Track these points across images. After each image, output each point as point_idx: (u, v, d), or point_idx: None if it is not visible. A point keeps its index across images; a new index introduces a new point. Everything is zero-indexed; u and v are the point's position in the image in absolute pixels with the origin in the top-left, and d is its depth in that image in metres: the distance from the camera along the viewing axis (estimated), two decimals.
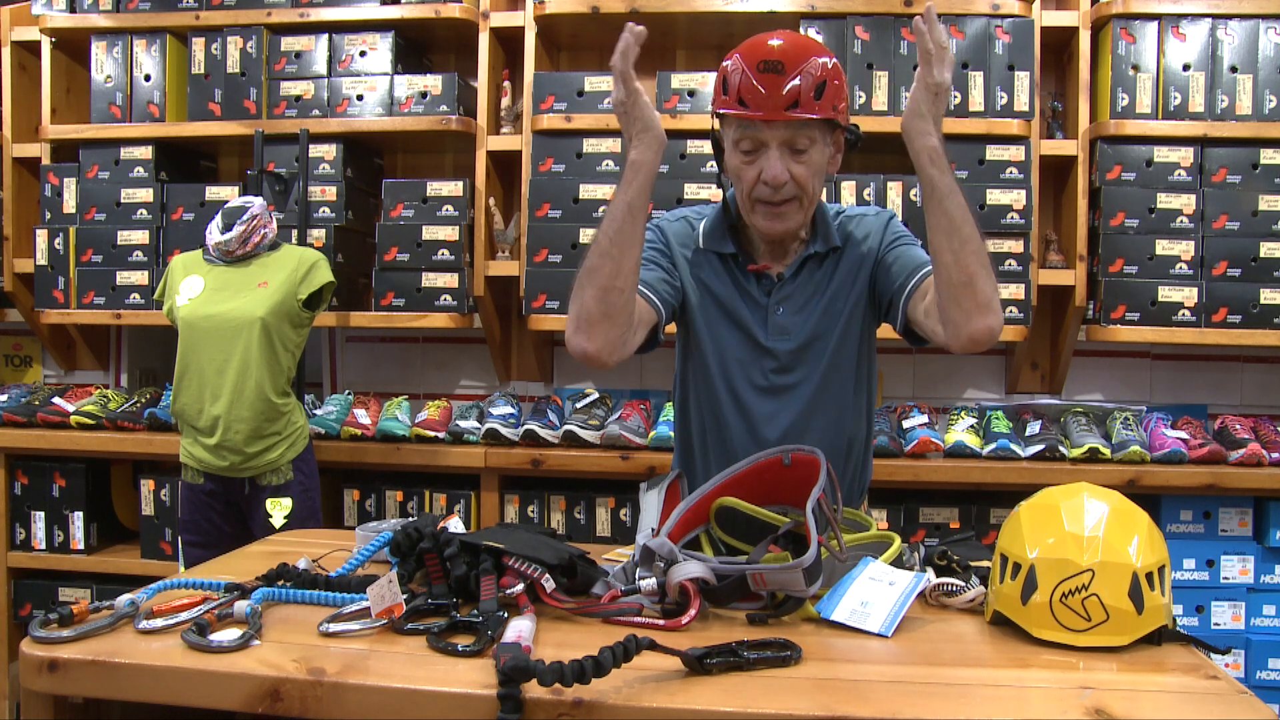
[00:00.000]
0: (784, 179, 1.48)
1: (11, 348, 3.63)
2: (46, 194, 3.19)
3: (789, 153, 1.48)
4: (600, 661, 0.95)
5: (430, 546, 1.27)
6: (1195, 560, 2.64)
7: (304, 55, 3.06)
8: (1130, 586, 1.11)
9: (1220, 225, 2.74)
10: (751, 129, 1.48)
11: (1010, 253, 2.77)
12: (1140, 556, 1.13)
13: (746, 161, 1.51)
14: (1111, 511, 1.16)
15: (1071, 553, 1.13)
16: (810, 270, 1.62)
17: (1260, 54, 2.74)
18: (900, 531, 2.27)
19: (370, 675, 1.01)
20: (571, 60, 3.28)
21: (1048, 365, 3.10)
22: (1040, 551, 1.14)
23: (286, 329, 2.51)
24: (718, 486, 1.42)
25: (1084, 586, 1.11)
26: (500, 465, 2.82)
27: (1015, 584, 1.16)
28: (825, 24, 2.84)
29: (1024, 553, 1.16)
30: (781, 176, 1.47)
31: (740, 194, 1.55)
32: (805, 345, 1.62)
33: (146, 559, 3.00)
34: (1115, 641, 1.12)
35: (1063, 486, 1.22)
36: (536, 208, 2.89)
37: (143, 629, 1.13)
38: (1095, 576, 1.11)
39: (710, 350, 1.64)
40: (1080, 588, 1.11)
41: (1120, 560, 1.12)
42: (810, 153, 1.49)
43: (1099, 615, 1.11)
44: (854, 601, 1.20)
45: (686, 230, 1.67)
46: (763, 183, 1.49)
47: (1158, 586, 1.13)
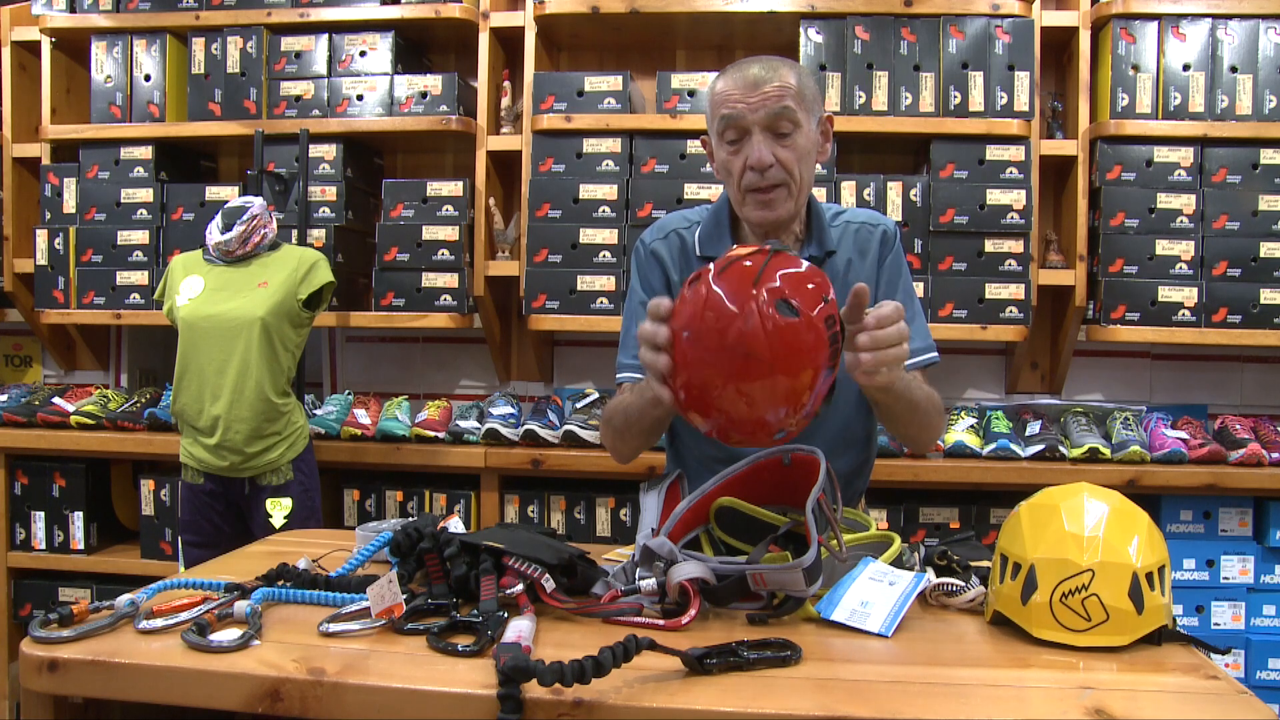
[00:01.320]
0: (769, 161, 1.48)
1: (11, 348, 3.63)
2: (46, 194, 3.19)
3: (772, 137, 1.49)
4: (600, 661, 0.95)
5: (430, 546, 1.27)
6: (1195, 560, 2.64)
7: (304, 55, 3.06)
8: (1130, 586, 1.11)
9: (1220, 225, 2.74)
10: (734, 116, 1.49)
11: (1010, 253, 2.77)
12: (1140, 556, 1.12)
13: (733, 152, 1.52)
14: (1112, 512, 1.16)
15: (1071, 553, 1.13)
16: None
17: (1260, 54, 2.74)
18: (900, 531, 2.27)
19: (370, 675, 1.01)
20: (571, 60, 3.28)
21: (1048, 365, 3.10)
22: (1040, 551, 1.14)
23: (286, 329, 2.51)
24: (717, 486, 1.42)
25: (1084, 587, 1.11)
26: (500, 465, 2.82)
27: (1015, 584, 1.16)
28: (825, 24, 2.84)
29: (1024, 552, 1.16)
30: (766, 159, 1.48)
31: (732, 188, 1.55)
32: None
33: (146, 559, 3.01)
34: (1115, 641, 1.11)
35: (1063, 486, 1.22)
36: (536, 208, 2.89)
37: (143, 629, 1.13)
38: (1095, 576, 1.11)
39: None
40: (1080, 588, 1.11)
41: (1120, 560, 1.12)
42: (794, 136, 1.50)
43: (1099, 615, 1.11)
44: (854, 601, 1.20)
45: (678, 245, 1.65)
46: (749, 168, 1.50)
47: (1158, 586, 1.13)
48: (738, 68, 1.53)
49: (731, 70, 1.54)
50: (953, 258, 2.77)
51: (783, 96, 1.48)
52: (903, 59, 2.82)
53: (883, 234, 1.64)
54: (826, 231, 1.61)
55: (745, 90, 1.49)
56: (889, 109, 2.81)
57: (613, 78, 2.92)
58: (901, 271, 1.64)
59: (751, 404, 1.15)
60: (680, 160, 2.87)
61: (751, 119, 1.48)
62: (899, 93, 2.81)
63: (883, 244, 1.63)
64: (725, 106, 1.50)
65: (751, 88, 1.48)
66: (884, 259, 1.63)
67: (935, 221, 2.77)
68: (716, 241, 1.61)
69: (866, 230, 1.64)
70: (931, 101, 2.81)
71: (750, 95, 1.48)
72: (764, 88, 1.48)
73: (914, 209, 2.78)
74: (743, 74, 1.50)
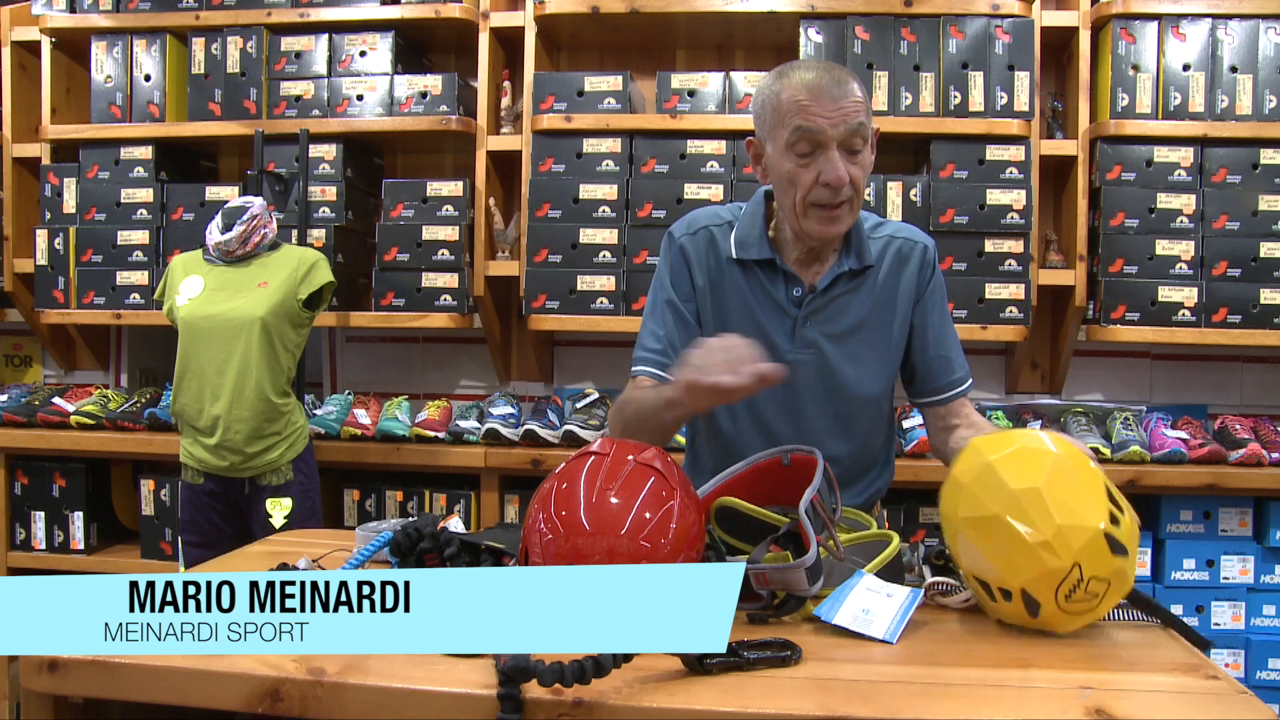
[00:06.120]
0: (845, 180, 1.45)
1: (11, 348, 3.63)
2: (46, 194, 3.19)
3: (845, 154, 1.46)
4: (600, 662, 0.95)
5: (430, 546, 1.27)
6: (1195, 560, 2.64)
7: (304, 55, 3.06)
8: (1110, 545, 1.12)
9: (1220, 225, 2.74)
10: (813, 131, 1.44)
11: (1010, 253, 2.77)
12: (1093, 512, 1.12)
13: (803, 165, 1.46)
14: (1044, 483, 1.13)
15: (1048, 560, 1.11)
16: (843, 286, 1.58)
17: (1260, 54, 2.74)
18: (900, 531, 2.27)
19: (370, 675, 1.01)
20: (571, 60, 3.28)
21: (1048, 365, 3.10)
22: (1020, 576, 1.13)
23: (286, 329, 2.51)
24: (718, 487, 1.42)
25: (1078, 581, 1.12)
26: (500, 465, 2.82)
27: (1015, 605, 1.16)
28: (825, 24, 2.84)
29: (1003, 579, 1.15)
30: (844, 177, 1.44)
31: (793, 199, 1.49)
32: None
33: (146, 559, 3.01)
34: (1126, 591, 1.15)
35: (967, 467, 1.19)
36: (536, 208, 2.89)
37: None
38: (1081, 566, 1.11)
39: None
40: (1075, 583, 1.12)
41: (1089, 531, 1.11)
42: (864, 153, 1.47)
43: (1101, 589, 1.13)
44: (855, 608, 1.19)
45: (706, 242, 1.61)
46: (822, 184, 1.45)
47: (1121, 519, 1.14)
48: (801, 73, 1.47)
49: (795, 75, 1.47)
50: (953, 258, 2.77)
51: (859, 112, 1.45)
52: (903, 59, 2.82)
53: (923, 253, 1.62)
54: (866, 245, 1.59)
55: (822, 103, 1.43)
56: (889, 109, 2.81)
57: (613, 78, 2.92)
58: (943, 298, 1.64)
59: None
60: (680, 160, 2.87)
61: (831, 134, 1.44)
62: (899, 93, 2.81)
63: (923, 264, 1.62)
64: (802, 117, 1.44)
65: (829, 100, 1.43)
66: (927, 281, 1.62)
67: (935, 221, 2.77)
68: (754, 246, 1.58)
69: (908, 247, 1.62)
70: (931, 101, 2.81)
71: (829, 109, 1.43)
72: (841, 102, 1.43)
73: (914, 209, 2.78)
74: (814, 82, 1.45)
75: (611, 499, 1.17)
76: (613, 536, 1.14)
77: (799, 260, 1.58)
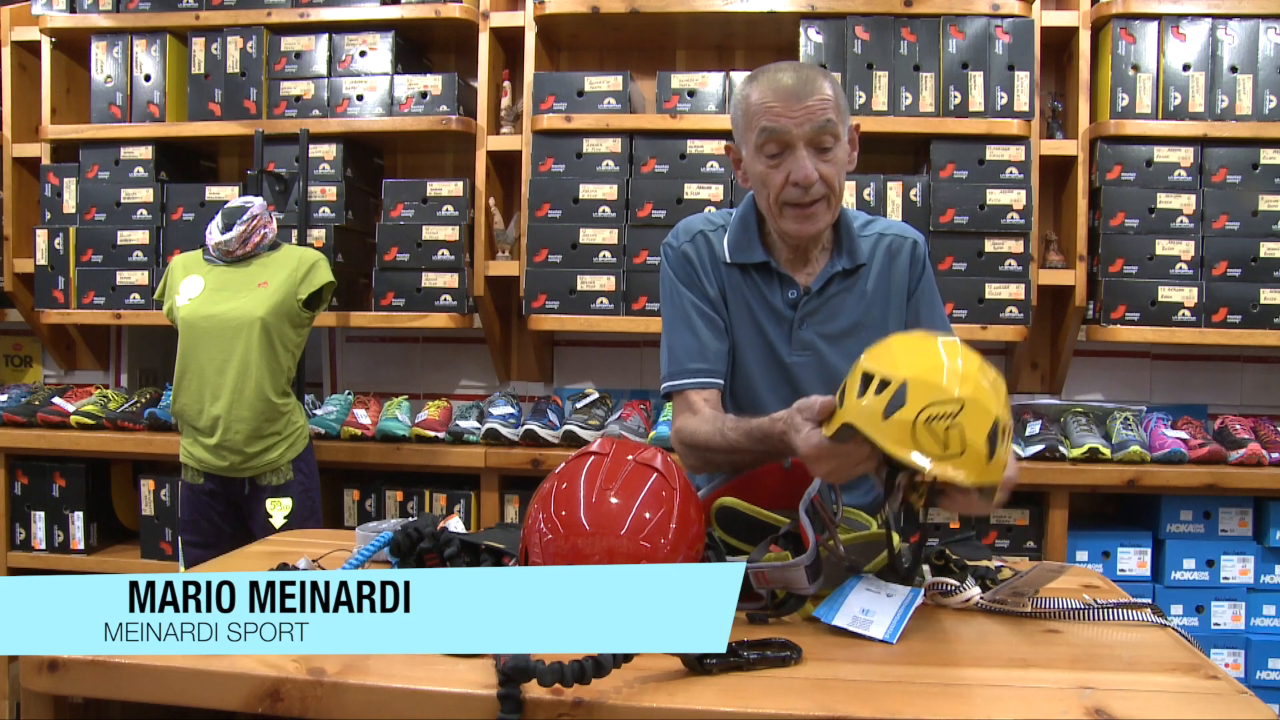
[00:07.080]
0: (814, 178, 1.45)
1: (11, 348, 3.63)
2: (46, 194, 3.19)
3: (815, 152, 1.46)
4: (600, 661, 0.95)
5: (430, 546, 1.27)
6: (1195, 560, 2.64)
7: (304, 55, 3.06)
8: (990, 430, 1.12)
9: (1220, 225, 2.74)
10: (777, 130, 1.45)
11: (1010, 253, 2.77)
12: (1002, 408, 1.14)
13: (772, 165, 1.47)
14: (980, 364, 1.16)
15: (948, 380, 1.12)
16: (837, 286, 1.58)
17: (1260, 54, 2.74)
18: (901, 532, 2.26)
19: (370, 675, 1.01)
20: (571, 60, 3.28)
21: (1048, 365, 3.10)
22: (914, 372, 1.13)
23: (286, 329, 2.51)
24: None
25: (951, 415, 1.10)
26: (500, 465, 2.82)
27: (879, 399, 1.13)
28: (825, 24, 2.84)
29: (894, 370, 1.14)
30: (811, 176, 1.45)
31: (767, 199, 1.51)
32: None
33: (146, 559, 3.01)
34: (961, 477, 1.11)
35: (926, 334, 1.24)
36: (536, 208, 2.89)
37: None
38: (964, 409, 1.11)
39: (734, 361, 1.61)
40: (947, 415, 1.11)
41: (988, 403, 1.12)
42: (835, 150, 1.47)
43: (956, 447, 1.11)
44: (855, 609, 1.19)
45: (706, 249, 1.61)
46: (792, 184, 1.46)
47: (1004, 443, 1.14)
48: (770, 75, 1.48)
49: (763, 78, 1.49)
50: (953, 258, 2.77)
51: (825, 110, 1.44)
52: (903, 59, 2.82)
53: (912, 248, 1.62)
54: (857, 243, 1.59)
55: (786, 102, 1.44)
56: (889, 109, 2.81)
57: (613, 78, 2.92)
58: (936, 292, 1.64)
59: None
60: (680, 160, 2.87)
61: (796, 133, 1.44)
62: (899, 93, 2.81)
63: (913, 260, 1.62)
64: (766, 119, 1.45)
65: (793, 99, 1.44)
66: (918, 277, 1.62)
67: (935, 221, 2.77)
68: (746, 249, 1.58)
69: (897, 243, 1.62)
70: (931, 101, 2.81)
71: (793, 108, 1.44)
72: (806, 100, 1.44)
73: (914, 209, 2.78)
74: (780, 83, 1.45)
75: (611, 499, 1.17)
76: (612, 536, 1.14)
77: (789, 261, 1.59)
